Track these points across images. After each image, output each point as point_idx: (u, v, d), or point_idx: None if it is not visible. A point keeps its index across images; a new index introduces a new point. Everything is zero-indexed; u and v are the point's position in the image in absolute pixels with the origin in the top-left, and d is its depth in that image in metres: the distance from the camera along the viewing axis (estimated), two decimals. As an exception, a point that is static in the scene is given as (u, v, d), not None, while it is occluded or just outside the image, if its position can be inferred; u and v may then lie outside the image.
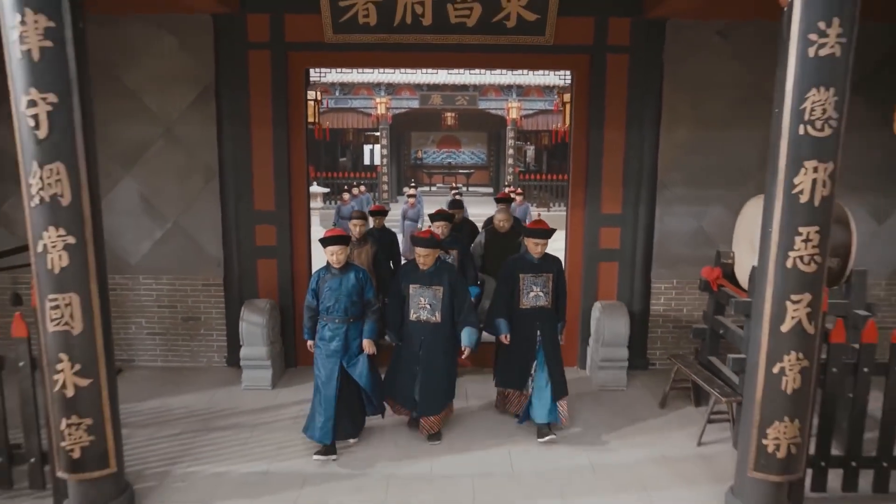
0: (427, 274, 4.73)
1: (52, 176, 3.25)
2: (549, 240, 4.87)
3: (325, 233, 4.64)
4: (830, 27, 3.10)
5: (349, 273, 4.59)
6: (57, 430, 3.51)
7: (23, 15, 3.10)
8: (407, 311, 4.78)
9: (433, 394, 4.73)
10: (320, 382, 4.56)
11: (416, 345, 4.74)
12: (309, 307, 4.69)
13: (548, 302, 4.92)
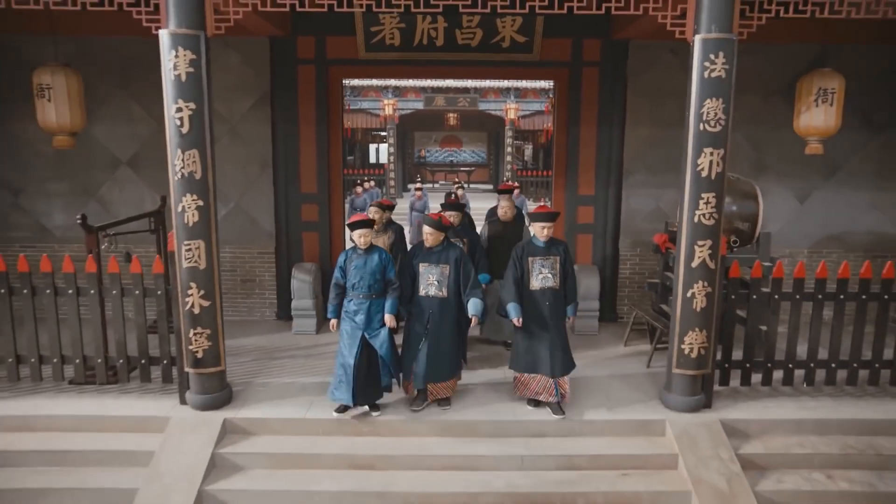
0: (435, 253, 5.17)
1: (190, 158, 4.74)
2: (553, 222, 5.15)
3: (352, 218, 5.13)
4: (717, 58, 4.59)
5: (373, 254, 5.05)
6: (186, 337, 5.00)
7: (176, 51, 4.60)
8: (417, 288, 5.18)
9: (440, 363, 5.12)
10: (345, 351, 4.99)
11: (424, 318, 5.13)
12: (336, 284, 5.11)
13: (556, 283, 5.15)
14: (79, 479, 4.61)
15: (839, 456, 4.82)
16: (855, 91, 6.88)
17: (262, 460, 4.82)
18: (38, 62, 6.73)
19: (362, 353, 4.97)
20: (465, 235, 6.38)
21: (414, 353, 5.14)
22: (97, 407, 5.18)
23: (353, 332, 5.02)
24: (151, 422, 5.05)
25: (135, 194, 7.51)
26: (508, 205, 6.61)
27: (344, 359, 4.98)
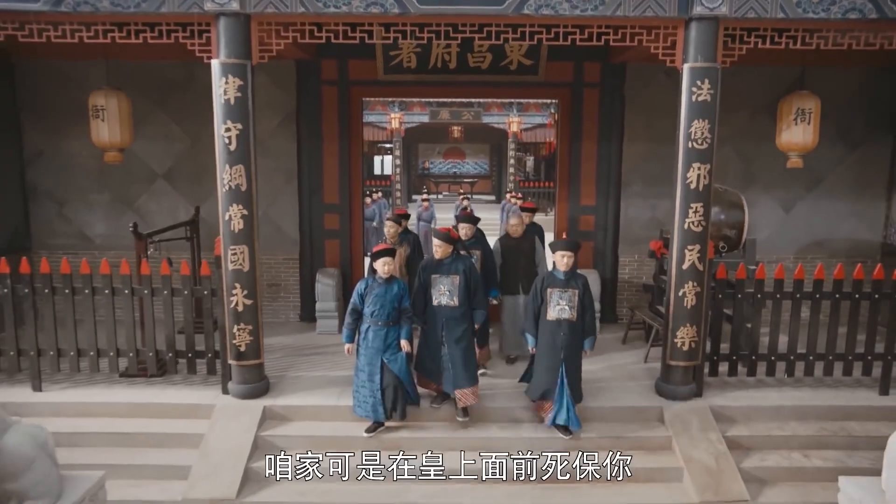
0: (445, 264, 5.46)
1: (236, 172, 5.35)
2: (573, 252, 5.33)
3: (375, 248, 5.38)
4: (703, 84, 5.21)
5: (393, 284, 5.29)
6: (230, 332, 5.59)
7: (226, 78, 5.22)
8: (430, 298, 5.47)
9: (464, 367, 5.36)
10: (365, 376, 5.29)
11: (438, 326, 5.42)
12: (354, 310, 5.34)
13: (572, 315, 5.30)
14: (139, 457, 5.18)
15: (815, 438, 5.39)
16: (833, 110, 7.54)
17: (300, 442, 5.38)
18: (84, 84, 7.42)
19: (384, 376, 5.26)
20: (477, 247, 6.51)
21: (436, 358, 5.42)
22: (149, 396, 5.76)
23: (372, 358, 5.28)
24: (199, 409, 5.63)
25: (170, 205, 8.11)
26: (518, 221, 6.81)
27: (368, 383, 5.28)
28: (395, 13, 5.26)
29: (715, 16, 5.18)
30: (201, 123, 7.84)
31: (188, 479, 5.01)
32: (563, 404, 5.26)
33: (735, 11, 5.19)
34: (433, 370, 5.52)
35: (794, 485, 5.07)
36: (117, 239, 8.07)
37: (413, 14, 5.27)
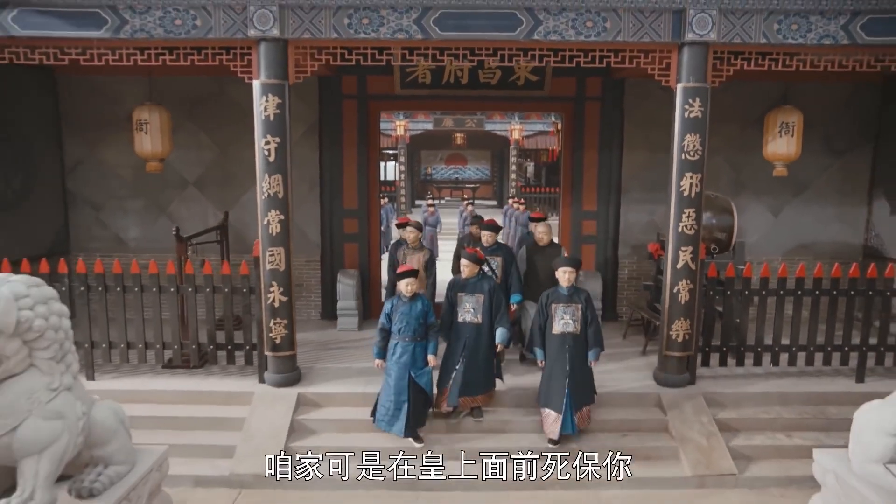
0: (471, 284, 5.83)
1: (275, 181, 5.94)
2: (575, 268, 5.71)
3: (399, 269, 5.74)
4: (695, 102, 5.82)
5: (417, 301, 5.61)
6: (267, 326, 6.16)
7: (266, 97, 5.81)
8: (455, 315, 5.84)
9: (474, 379, 5.76)
10: (392, 391, 5.56)
11: (462, 341, 5.78)
12: (383, 328, 5.65)
13: (576, 329, 5.64)
14: (188, 438, 5.73)
15: (797, 420, 5.97)
16: (818, 122, 8.17)
17: (331, 425, 5.96)
18: (121, 98, 8.03)
19: (411, 391, 5.55)
20: (500, 254, 6.89)
21: (451, 372, 5.75)
22: (193, 384, 6.34)
23: (401, 373, 5.55)
24: (239, 396, 6.20)
25: (199, 210, 8.69)
26: (545, 230, 6.97)
27: (396, 396, 5.56)
28: (419, 38, 5.86)
29: (705, 41, 5.79)
30: (229, 134, 8.51)
31: (233, 457, 5.59)
32: (567, 416, 5.54)
33: (723, 37, 5.79)
34: (443, 382, 5.82)
35: (777, 461, 5.65)
36: (150, 242, 8.66)
37: (434, 39, 5.88)
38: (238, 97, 8.12)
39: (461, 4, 5.75)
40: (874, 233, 8.71)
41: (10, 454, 3.63)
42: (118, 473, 4.31)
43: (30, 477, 3.61)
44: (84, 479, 4.11)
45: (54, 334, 3.80)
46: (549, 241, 7.01)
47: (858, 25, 5.78)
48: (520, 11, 5.78)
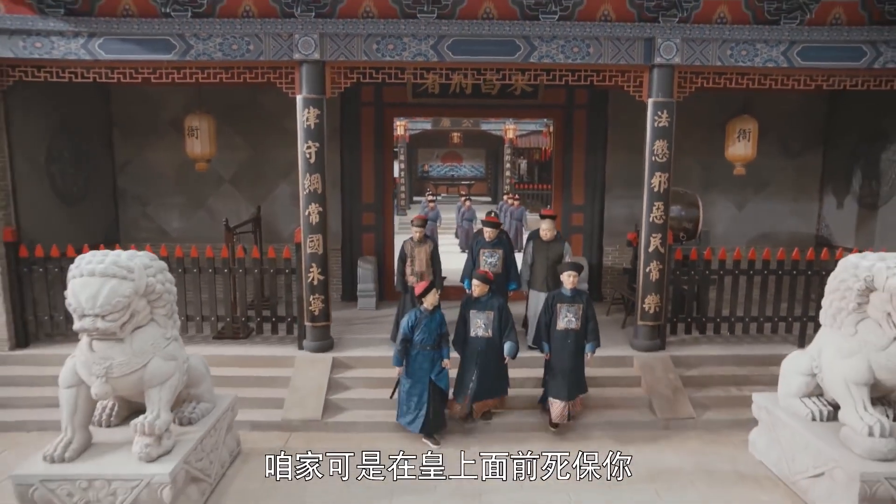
0: (482, 302, 6.31)
1: (315, 180, 7.12)
2: (578, 273, 6.42)
3: (417, 288, 6.22)
4: (663, 114, 7.05)
5: (435, 314, 6.19)
6: (307, 300, 7.35)
7: (308, 109, 6.99)
8: (468, 330, 6.34)
9: (485, 386, 6.33)
10: (416, 396, 6.16)
11: (475, 354, 6.30)
12: (405, 339, 6.15)
13: (577, 326, 6.33)
14: (243, 393, 6.86)
15: (747, 377, 7.23)
16: (775, 128, 9.43)
17: (361, 382, 7.16)
18: (165, 105, 9.18)
19: (431, 393, 6.15)
20: (501, 247, 7.63)
21: (467, 382, 6.29)
22: (242, 351, 7.52)
23: (422, 378, 6.17)
24: (283, 360, 7.39)
25: (234, 205, 9.84)
26: (548, 227, 7.62)
27: (417, 399, 6.18)
28: (435, 60, 7.06)
29: (671, 64, 7.02)
30: (260, 137, 9.69)
31: (283, 407, 6.78)
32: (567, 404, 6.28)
33: (685, 60, 7.03)
34: (460, 391, 6.38)
35: (729, 409, 6.89)
36: (190, 232, 9.81)
37: (447, 62, 7.08)
38: (269, 105, 9.31)
39: (470, 33, 6.95)
40: (825, 224, 10.00)
41: (140, 385, 4.83)
42: (206, 409, 5.53)
43: (155, 402, 4.81)
44: (184, 411, 5.33)
45: (168, 296, 5.01)
46: (553, 236, 7.65)
47: (795, 52, 7.03)
48: (518, 39, 6.99)
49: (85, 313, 4.49)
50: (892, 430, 4.84)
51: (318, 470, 5.32)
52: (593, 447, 5.68)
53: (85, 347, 4.73)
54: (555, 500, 5.32)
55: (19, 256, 7.41)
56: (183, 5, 6.83)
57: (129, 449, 4.78)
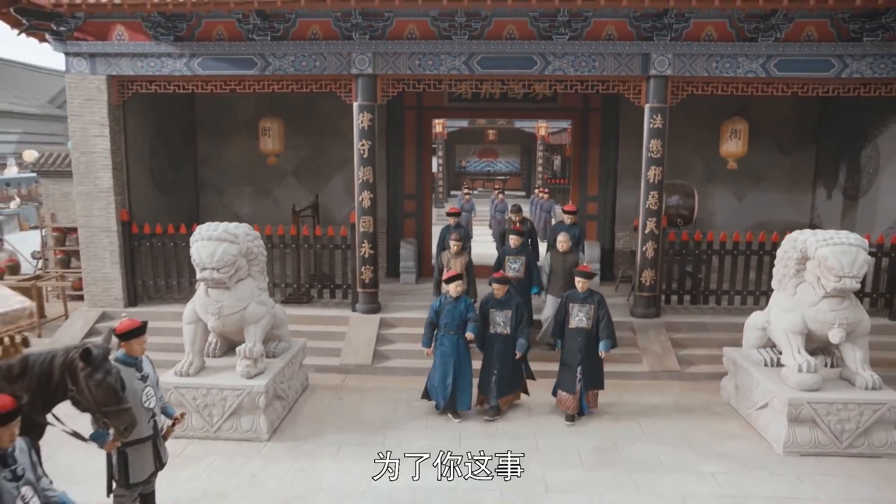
0: (501, 301, 6.74)
1: (367, 172, 8.71)
2: (589, 280, 6.82)
3: (447, 274, 6.83)
4: (657, 117, 8.40)
5: (460, 301, 6.70)
6: (359, 271, 8.95)
7: (362, 114, 8.59)
8: (488, 327, 6.76)
9: (510, 381, 6.82)
10: (439, 375, 6.71)
11: (495, 349, 6.74)
12: (432, 322, 6.73)
13: (588, 325, 6.65)
14: (309, 345, 8.54)
15: (727, 340, 8.43)
16: (770, 127, 10.65)
17: (403, 337, 8.73)
18: (239, 109, 10.89)
19: (455, 375, 6.70)
20: (524, 254, 8.22)
21: (490, 377, 6.76)
22: (307, 311, 9.18)
23: (447, 360, 6.70)
24: (340, 319, 9.02)
25: (296, 194, 11.53)
26: (564, 239, 8.12)
27: (442, 380, 6.72)
28: (466, 73, 8.56)
29: (664, 75, 8.36)
30: (318, 136, 11.34)
31: (340, 355, 8.41)
32: (581, 398, 6.71)
33: (677, 72, 8.35)
34: (485, 387, 6.88)
35: (709, 364, 8.21)
36: (259, 217, 11.45)
37: (477, 74, 8.57)
38: (327, 109, 10.95)
39: (495, 51, 8.43)
40: (817, 213, 11.15)
41: (240, 323, 6.49)
42: (285, 348, 7.17)
43: (252, 335, 6.46)
44: (270, 347, 6.98)
45: (261, 257, 6.66)
46: (569, 247, 8.14)
47: (772, 64, 8.28)
48: (535, 55, 8.43)
49: (205, 267, 6.16)
50: (816, 368, 6.16)
51: (369, 398, 6.91)
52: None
53: (202, 293, 6.41)
54: (559, 424, 6.80)
55: (131, 233, 9.23)
56: (263, 31, 8.49)
57: (232, 370, 6.45)
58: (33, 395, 3.83)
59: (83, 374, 3.95)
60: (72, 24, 8.50)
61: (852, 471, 5.84)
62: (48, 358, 4.02)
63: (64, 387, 4.01)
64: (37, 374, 3.95)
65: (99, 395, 4.01)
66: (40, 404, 3.99)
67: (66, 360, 3.98)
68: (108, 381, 4.02)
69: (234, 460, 5.96)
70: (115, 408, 4.07)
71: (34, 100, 25.27)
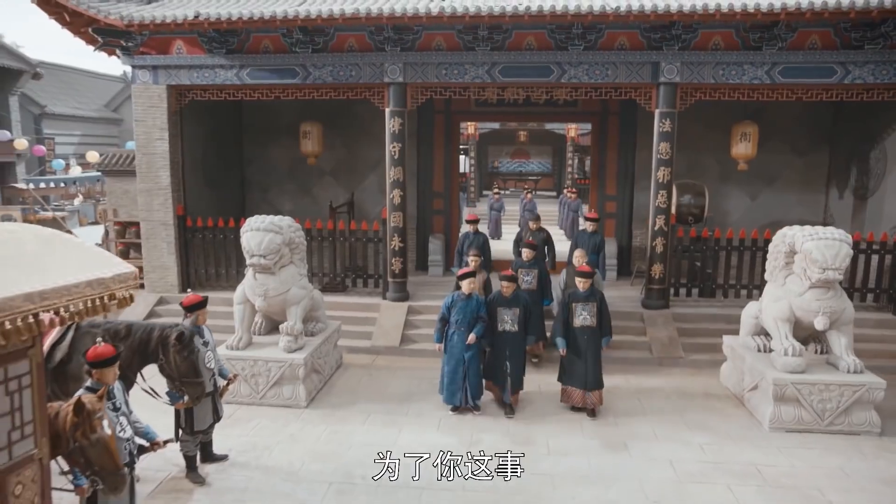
0: (508, 299, 6.92)
1: (398, 171, 9.55)
2: (589, 279, 6.92)
3: (459, 272, 7.11)
4: (667, 121, 9.01)
5: (472, 299, 6.86)
6: (390, 262, 9.80)
7: (394, 119, 9.43)
8: (496, 326, 6.91)
9: (518, 378, 7.04)
10: (450, 370, 6.83)
11: (504, 347, 6.89)
12: (443, 318, 6.88)
13: (592, 322, 6.81)
14: (343, 328, 9.43)
15: (730, 329, 9.04)
16: (785, 129, 11.13)
17: (428, 323, 9.48)
18: (281, 114, 11.83)
19: (464, 372, 6.84)
20: (536, 268, 8.43)
21: (500, 373, 6.93)
22: (341, 299, 10.06)
23: (457, 356, 6.84)
24: (371, 306, 9.89)
25: (333, 192, 12.45)
26: (580, 255, 8.21)
27: (451, 375, 6.88)
28: (489, 81, 9.32)
29: (673, 82, 8.97)
30: (354, 139, 12.23)
31: (371, 338, 9.27)
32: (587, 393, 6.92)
33: (685, 79, 8.95)
34: (498, 378, 7.06)
35: (712, 353, 8.75)
36: (298, 213, 12.29)
37: (499, 82, 9.33)
38: (362, 113, 11.82)
39: (516, 61, 9.16)
40: (829, 213, 11.54)
41: (283, 305, 7.38)
42: (321, 328, 8.04)
43: (294, 315, 7.35)
44: (309, 327, 7.85)
45: (302, 246, 7.55)
46: (585, 262, 7.97)
47: (776, 71, 8.82)
48: (553, 65, 9.14)
49: (253, 254, 7.07)
50: (801, 352, 6.73)
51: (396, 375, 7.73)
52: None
53: (251, 277, 7.33)
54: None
55: (185, 226, 10.26)
56: (305, 44, 9.40)
57: (276, 346, 7.34)
58: (132, 354, 4.80)
59: (174, 349, 4.93)
60: (138, 41, 9.56)
61: (830, 445, 6.40)
62: (148, 329, 5.02)
63: (155, 355, 4.99)
64: (137, 340, 4.94)
65: (183, 367, 4.99)
66: (136, 364, 4.96)
67: (161, 335, 4.97)
68: (192, 359, 5.03)
69: (277, 422, 6.85)
70: (192, 380, 5.07)
71: (92, 104, 26.96)
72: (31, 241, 3.11)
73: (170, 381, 5.17)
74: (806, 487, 5.61)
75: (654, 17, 8.10)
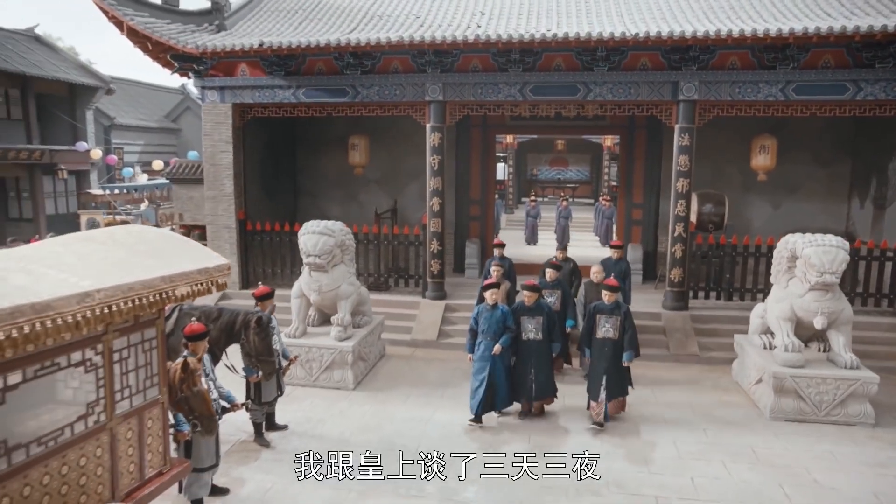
0: (532, 308, 7.07)
1: (437, 182, 10.50)
2: (616, 293, 7.06)
3: (484, 283, 7.34)
4: (685, 136, 9.72)
5: (497, 309, 7.01)
6: (429, 263, 10.74)
7: (433, 134, 10.38)
8: (521, 335, 7.03)
9: (542, 387, 7.10)
10: (476, 379, 6.96)
11: (529, 356, 7.02)
12: (472, 329, 7.04)
13: (614, 335, 6.92)
14: (386, 323, 10.39)
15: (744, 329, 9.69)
16: (808, 141, 11.66)
17: (464, 319, 10.37)
18: (329, 127, 12.93)
19: (489, 383, 6.91)
20: (560, 288, 8.44)
21: (528, 383, 7.04)
22: (385, 297, 11.05)
23: (483, 365, 6.96)
24: (411, 304, 10.85)
25: (378, 199, 13.49)
26: (598, 269, 8.44)
27: (478, 384, 6.97)
28: (520, 99, 10.19)
29: (692, 100, 9.68)
30: (397, 150, 13.24)
31: (411, 332, 10.22)
32: (604, 406, 6.95)
33: (703, 96, 9.65)
34: (524, 391, 7.13)
35: (727, 351, 9.35)
36: (345, 218, 13.20)
37: (530, 100, 10.19)
38: (405, 128, 12.79)
39: (545, 81, 10.02)
40: (852, 222, 11.99)
41: (335, 299, 8.39)
42: (367, 321, 9.02)
43: (343, 308, 8.36)
44: (356, 320, 8.83)
45: (351, 247, 8.56)
46: (602, 278, 8.14)
47: (790, 89, 9.44)
48: (579, 84, 9.96)
49: (309, 254, 8.10)
50: (800, 349, 7.37)
51: (433, 365, 8.65)
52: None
53: (306, 274, 8.37)
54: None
55: (246, 229, 11.43)
56: (355, 66, 10.45)
57: (327, 335, 8.35)
58: (220, 333, 5.87)
59: (254, 331, 5.97)
60: (208, 65, 10.79)
61: (825, 433, 7.03)
62: (234, 313, 6.11)
63: (238, 335, 6.05)
64: (225, 321, 6.02)
65: (260, 347, 6.03)
66: (223, 342, 6.02)
67: (245, 318, 6.04)
68: (268, 340, 6.08)
69: (328, 401, 7.85)
70: (266, 358, 6.12)
71: (154, 115, 28.82)
72: (156, 238, 4.15)
73: (246, 359, 6.22)
74: (795, 466, 6.28)
75: (671, 41, 8.85)
